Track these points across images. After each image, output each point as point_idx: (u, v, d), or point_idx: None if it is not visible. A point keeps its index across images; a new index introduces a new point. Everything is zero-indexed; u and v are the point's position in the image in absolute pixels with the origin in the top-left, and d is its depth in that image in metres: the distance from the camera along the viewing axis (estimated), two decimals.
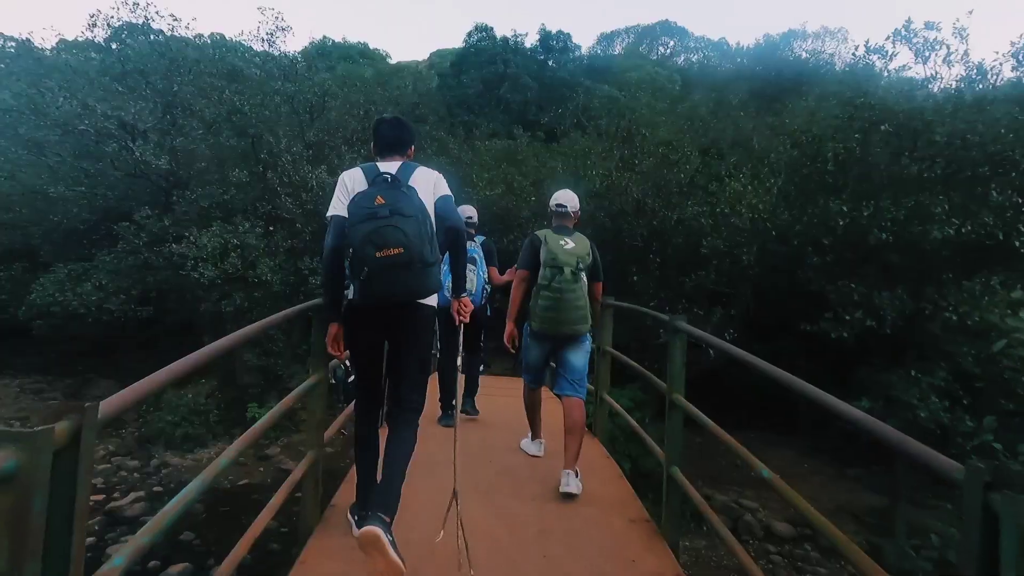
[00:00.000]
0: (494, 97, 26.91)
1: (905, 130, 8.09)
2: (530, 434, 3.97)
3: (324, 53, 29.40)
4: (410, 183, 2.29)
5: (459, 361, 2.63)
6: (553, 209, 3.54)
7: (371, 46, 35.92)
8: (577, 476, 3.27)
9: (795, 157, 9.55)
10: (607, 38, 41.58)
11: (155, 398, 13.79)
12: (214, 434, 12.60)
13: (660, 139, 10.41)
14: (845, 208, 7.89)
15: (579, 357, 3.40)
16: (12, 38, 25.15)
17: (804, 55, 31.21)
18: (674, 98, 17.90)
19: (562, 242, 3.28)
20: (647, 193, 9.87)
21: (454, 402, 2.89)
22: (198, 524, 8.99)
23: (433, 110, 23.35)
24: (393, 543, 1.94)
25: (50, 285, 12.28)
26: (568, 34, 31.45)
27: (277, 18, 18.01)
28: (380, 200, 2.12)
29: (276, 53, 15.51)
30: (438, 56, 36.26)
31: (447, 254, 2.48)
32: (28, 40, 19.52)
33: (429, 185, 2.36)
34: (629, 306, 4.45)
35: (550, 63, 31.39)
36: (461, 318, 2.46)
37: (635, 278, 9.70)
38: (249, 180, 13.72)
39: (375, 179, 2.29)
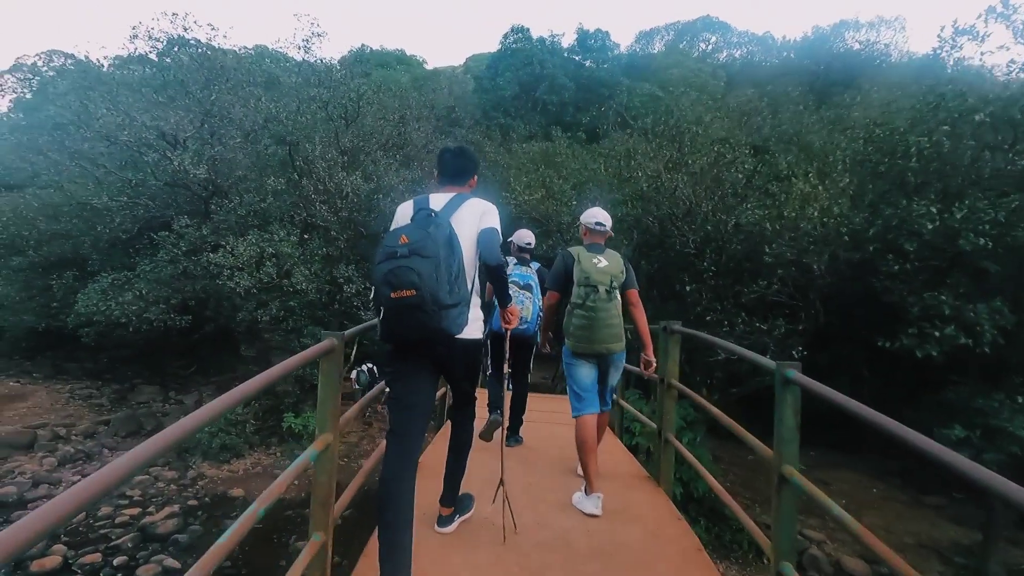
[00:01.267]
0: (530, 99, 26.47)
1: (1003, 120, 7.08)
2: (583, 486, 3.33)
3: (362, 60, 29.56)
4: (453, 217, 2.29)
5: (506, 369, 2.81)
6: (592, 227, 3.45)
7: (408, 52, 36.06)
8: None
9: (868, 153, 8.61)
10: (646, 36, 40.57)
11: (193, 410, 13.84)
12: (251, 444, 12.48)
13: (713, 136, 9.63)
14: (934, 209, 6.95)
15: (615, 376, 3.47)
16: (71, 56, 26.37)
17: (857, 46, 29.66)
18: (718, 95, 16.95)
19: (595, 260, 3.25)
20: (699, 195, 9.11)
21: (500, 411, 3.02)
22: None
23: (469, 113, 23.06)
24: None
25: (94, 294, 12.41)
26: (606, 32, 30.69)
27: (312, 24, 18.06)
28: (404, 239, 2.13)
29: (312, 60, 15.42)
30: (474, 60, 36.10)
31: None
32: (86, 58, 20.25)
33: (475, 217, 2.36)
34: (710, 339, 3.65)
35: (587, 63, 30.72)
36: (506, 325, 2.50)
37: (687, 287, 8.94)
38: (285, 188, 13.63)
39: (417, 213, 2.31)
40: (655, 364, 3.62)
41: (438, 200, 2.41)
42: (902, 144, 7.94)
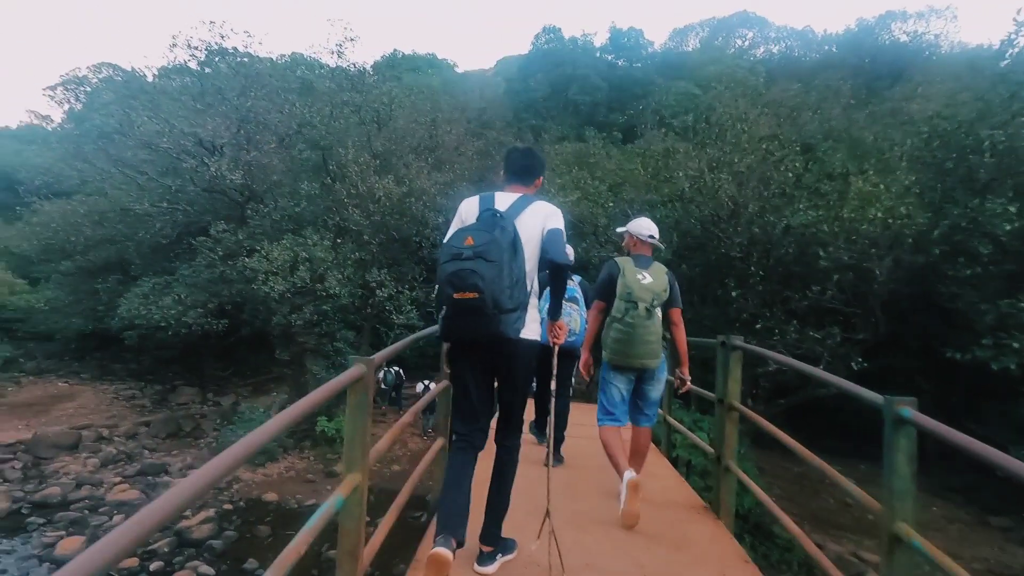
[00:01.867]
0: (562, 100, 26.18)
1: None
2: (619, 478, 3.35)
3: (394, 65, 29.76)
4: (518, 220, 2.27)
5: (552, 385, 2.66)
6: (644, 238, 3.37)
7: (439, 56, 36.18)
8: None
9: (932, 148, 7.97)
10: (680, 33, 39.74)
11: (230, 413, 14.04)
12: (284, 448, 12.53)
13: (760, 134, 9.12)
14: (1012, 208, 6.33)
15: (655, 389, 3.40)
16: (118, 67, 27.37)
17: (904, 38, 28.36)
18: (757, 91, 16.26)
19: (640, 276, 3.20)
20: (745, 195, 8.62)
21: (548, 430, 2.84)
22: (263, 548, 8.71)
23: (500, 115, 22.88)
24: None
25: (135, 299, 12.69)
26: (639, 30, 30.20)
27: (346, 29, 18.17)
28: (469, 241, 2.13)
29: (345, 64, 15.49)
30: (504, 63, 36.00)
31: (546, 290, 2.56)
32: (132, 69, 20.92)
33: (539, 220, 2.32)
34: (788, 361, 3.12)
35: (620, 62, 30.25)
36: (554, 340, 2.46)
37: (732, 293, 8.46)
38: (319, 192, 13.68)
39: (483, 213, 2.29)
40: (688, 382, 3.60)
41: (504, 200, 2.38)
42: (971, 138, 7.31)
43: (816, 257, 7.65)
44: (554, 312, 2.45)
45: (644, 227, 3.40)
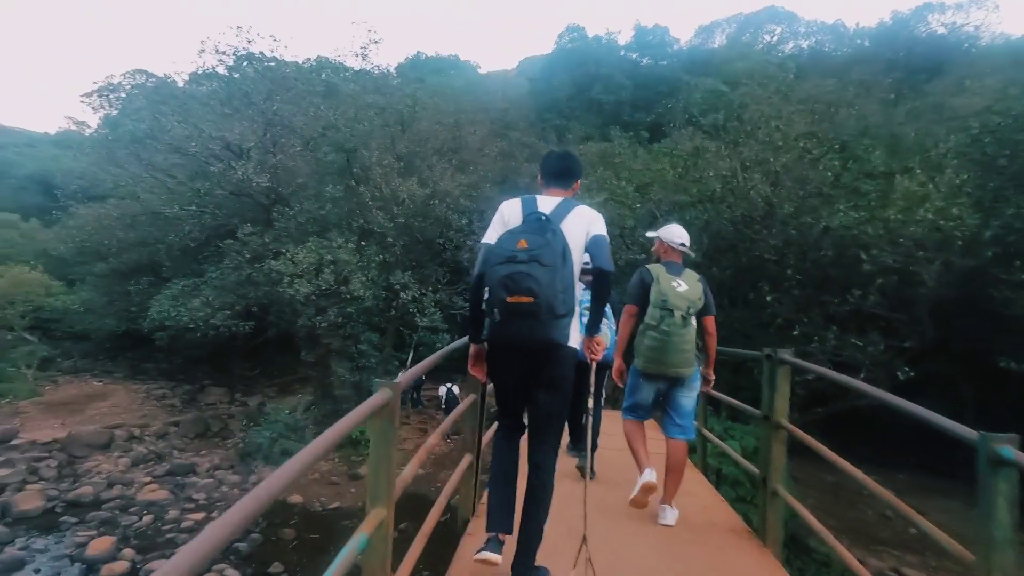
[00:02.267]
0: (585, 99, 25.92)
1: None
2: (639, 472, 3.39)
3: (417, 67, 29.88)
4: (563, 224, 2.25)
5: (590, 404, 2.66)
6: (675, 246, 3.35)
7: (461, 58, 36.23)
8: (673, 508, 3.32)
9: (983, 145, 7.53)
10: (706, 30, 39.12)
11: (256, 414, 14.17)
12: None
13: (796, 131, 8.77)
14: None
15: (688, 398, 3.34)
16: (151, 74, 28.07)
17: (942, 30, 27.35)
18: (788, 88, 15.72)
19: (674, 283, 3.17)
20: (780, 196, 8.28)
21: (582, 448, 2.98)
22: (286, 551, 8.71)
23: (523, 115, 22.73)
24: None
25: (165, 301, 12.88)
26: (665, 28, 29.76)
27: (370, 31, 18.23)
28: (523, 244, 2.12)
29: (369, 67, 15.53)
30: (526, 63, 35.87)
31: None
32: (164, 75, 21.38)
33: (583, 225, 2.31)
34: (866, 388, 2.61)
35: (645, 60, 29.86)
36: (592, 356, 2.38)
37: (767, 297, 8.14)
38: (343, 195, 13.72)
39: (528, 216, 2.28)
40: (712, 380, 3.59)
41: (546, 203, 2.35)
42: None
43: (857, 260, 7.29)
44: (593, 326, 2.34)
45: (675, 234, 3.37)
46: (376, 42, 14.88)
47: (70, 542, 8.14)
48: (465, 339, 2.83)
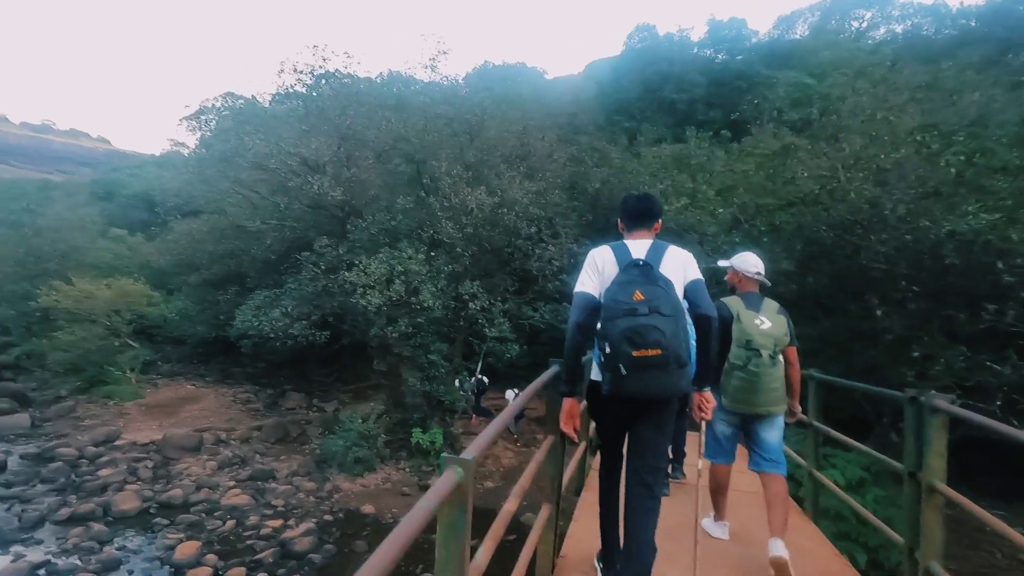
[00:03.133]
0: (656, 100, 24.99)
1: None
2: (712, 513, 3.47)
3: (484, 76, 30.10)
4: (661, 268, 2.26)
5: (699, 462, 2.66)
6: (751, 276, 3.26)
7: (528, 65, 36.16)
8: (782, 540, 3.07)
9: None
10: (786, 20, 36.76)
11: (332, 420, 14.53)
12: (382, 458, 12.71)
13: (910, 124, 7.76)
14: None
15: (773, 434, 3.19)
16: (240, 97, 30.08)
17: None
18: (892, 76, 14.19)
19: (757, 320, 3.09)
20: (894, 197, 7.31)
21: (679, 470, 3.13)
22: (359, 566, 8.70)
23: (591, 120, 22.20)
24: None
25: (248, 311, 13.49)
26: (742, 20, 28.22)
27: (439, 42, 18.44)
28: (639, 296, 2.11)
29: (438, 78, 15.66)
30: (594, 67, 35.24)
31: None
32: (252, 96, 22.80)
33: (679, 269, 2.31)
34: None
35: (720, 56, 28.46)
36: (703, 415, 2.32)
37: (877, 312, 7.20)
38: (413, 205, 13.86)
39: (627, 266, 2.27)
40: (799, 415, 3.49)
41: (637, 248, 2.35)
42: None
43: (990, 269, 6.26)
44: (703, 378, 2.28)
45: (751, 263, 3.29)
46: (444, 53, 14.96)
47: (160, 544, 8.55)
48: (549, 376, 2.72)
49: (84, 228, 22.74)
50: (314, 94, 14.45)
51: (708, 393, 2.29)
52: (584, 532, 3.23)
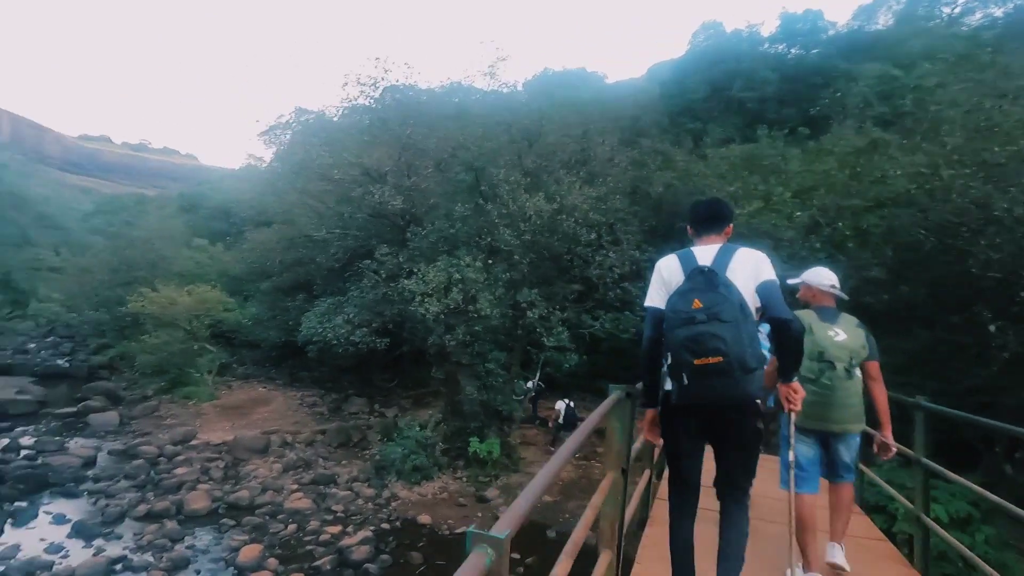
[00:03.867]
0: (724, 99, 23.92)
1: None
2: (800, 564, 2.97)
3: (544, 82, 29.97)
4: (728, 272, 2.20)
5: (791, 456, 2.54)
6: (826, 289, 3.13)
7: (588, 70, 35.73)
8: (842, 546, 3.01)
9: None
10: (867, 10, 34.31)
11: (392, 427, 14.69)
12: (439, 466, 12.67)
13: (1018, 115, 6.82)
14: None
15: (847, 453, 3.05)
16: (311, 111, 31.59)
17: None
18: (987, 62, 12.67)
19: (831, 332, 2.98)
20: (1007, 196, 6.41)
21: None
22: None
23: (654, 122, 21.50)
24: None
25: (313, 318, 13.89)
26: (818, 12, 26.55)
27: (497, 49, 18.44)
28: (697, 304, 2.06)
29: (497, 86, 15.61)
30: (656, 69, 34.33)
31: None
32: (320, 110, 23.83)
33: (749, 270, 2.23)
34: None
35: (792, 51, 26.92)
36: (791, 407, 2.26)
37: (991, 327, 6.32)
38: (471, 213, 13.83)
39: (691, 273, 2.21)
40: (894, 449, 3.16)
41: (704, 254, 2.29)
42: None
43: None
44: (787, 372, 2.24)
45: (824, 276, 3.19)
46: (503, 59, 14.88)
47: (226, 545, 8.82)
48: (610, 404, 2.59)
49: (171, 239, 24.49)
50: (377, 107, 14.78)
51: (796, 384, 2.22)
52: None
